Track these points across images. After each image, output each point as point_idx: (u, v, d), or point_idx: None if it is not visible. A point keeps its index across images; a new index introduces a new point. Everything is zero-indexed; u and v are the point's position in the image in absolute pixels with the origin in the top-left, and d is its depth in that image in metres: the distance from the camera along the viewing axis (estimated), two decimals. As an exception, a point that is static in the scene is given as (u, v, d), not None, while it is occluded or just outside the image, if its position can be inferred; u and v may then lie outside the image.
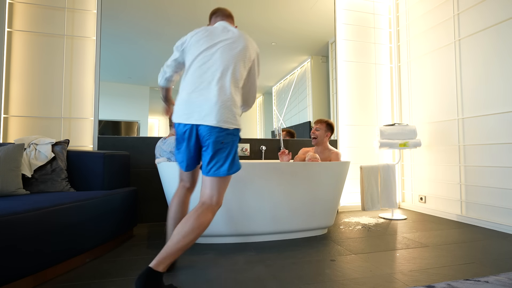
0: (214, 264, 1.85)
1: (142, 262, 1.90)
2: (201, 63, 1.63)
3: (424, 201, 3.48)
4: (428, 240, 2.36)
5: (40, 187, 2.13)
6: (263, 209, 2.28)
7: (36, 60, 2.83)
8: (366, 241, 2.34)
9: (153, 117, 3.17)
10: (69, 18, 2.93)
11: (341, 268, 1.80)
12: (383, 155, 3.84)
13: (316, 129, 2.81)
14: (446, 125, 3.20)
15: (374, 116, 3.84)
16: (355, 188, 3.68)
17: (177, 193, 1.80)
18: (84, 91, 2.94)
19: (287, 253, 2.06)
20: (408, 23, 3.76)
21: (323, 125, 2.82)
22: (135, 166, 2.99)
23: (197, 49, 1.66)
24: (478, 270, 1.74)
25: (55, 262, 1.61)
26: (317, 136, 2.80)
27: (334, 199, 2.49)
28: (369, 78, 3.85)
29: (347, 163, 2.54)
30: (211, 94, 1.54)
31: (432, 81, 3.39)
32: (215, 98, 1.53)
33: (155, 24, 3.15)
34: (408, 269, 1.76)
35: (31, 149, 2.20)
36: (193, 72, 1.62)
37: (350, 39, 3.81)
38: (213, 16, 1.92)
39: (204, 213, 1.51)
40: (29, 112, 2.78)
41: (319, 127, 2.81)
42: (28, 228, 1.44)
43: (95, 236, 1.91)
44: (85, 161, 2.31)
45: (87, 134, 2.92)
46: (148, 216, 3.00)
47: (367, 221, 3.04)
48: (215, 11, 1.91)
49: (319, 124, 2.82)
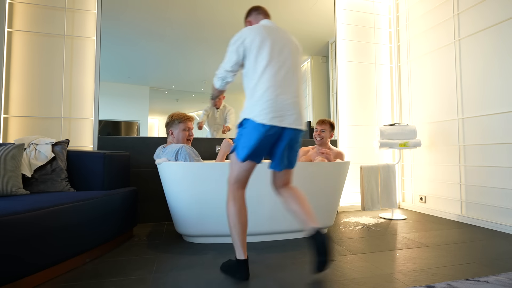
0: (214, 264, 1.86)
1: (142, 262, 1.90)
2: (279, 66, 1.65)
3: (424, 201, 3.49)
4: (428, 240, 2.37)
5: (40, 187, 2.14)
6: (262, 209, 2.28)
7: (36, 60, 2.83)
8: (366, 241, 2.34)
9: (153, 117, 3.18)
10: (69, 18, 2.93)
11: (341, 268, 1.80)
12: (383, 155, 3.85)
13: (322, 131, 2.83)
14: (446, 125, 3.21)
15: (374, 116, 3.85)
16: (355, 188, 3.69)
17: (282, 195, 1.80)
18: (84, 91, 2.95)
19: (286, 253, 2.07)
20: (408, 23, 3.76)
21: (327, 125, 2.84)
22: (135, 166, 2.99)
23: (267, 51, 1.65)
24: (478, 270, 1.74)
25: (55, 262, 1.62)
26: (323, 137, 2.82)
27: (334, 199, 2.50)
28: (369, 78, 3.86)
29: (347, 163, 2.55)
30: (296, 98, 1.65)
31: (432, 81, 3.40)
32: (300, 101, 1.67)
33: (155, 25, 3.15)
34: (408, 269, 1.76)
35: (31, 149, 2.21)
36: (273, 74, 1.62)
37: (350, 39, 3.81)
38: (254, 13, 1.90)
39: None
40: (29, 112, 2.79)
41: (324, 128, 2.83)
42: (28, 228, 1.45)
43: (95, 236, 1.92)
44: (85, 161, 2.31)
45: (87, 134, 2.93)
46: (148, 216, 3.01)
47: (367, 221, 3.05)
48: (257, 8, 1.89)
49: (324, 125, 2.84)
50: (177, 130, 2.40)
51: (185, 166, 2.19)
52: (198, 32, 3.27)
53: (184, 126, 2.41)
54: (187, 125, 2.43)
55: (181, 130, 2.40)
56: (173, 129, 2.41)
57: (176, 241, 2.36)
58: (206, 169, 2.19)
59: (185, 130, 2.41)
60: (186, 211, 2.23)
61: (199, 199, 2.20)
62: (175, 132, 2.40)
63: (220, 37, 3.33)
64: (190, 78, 3.28)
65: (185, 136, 2.40)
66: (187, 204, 2.21)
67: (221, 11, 3.36)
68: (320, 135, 2.83)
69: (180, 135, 2.39)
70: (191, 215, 2.22)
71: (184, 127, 2.41)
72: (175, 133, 2.40)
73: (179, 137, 2.40)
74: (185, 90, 3.30)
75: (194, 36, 3.26)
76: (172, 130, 2.41)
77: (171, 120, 2.42)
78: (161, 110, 3.22)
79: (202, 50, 3.28)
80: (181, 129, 2.40)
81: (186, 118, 2.42)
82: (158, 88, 3.20)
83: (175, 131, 2.40)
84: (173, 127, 2.41)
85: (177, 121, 2.40)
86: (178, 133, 2.39)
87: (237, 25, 3.36)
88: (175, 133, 2.40)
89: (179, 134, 2.39)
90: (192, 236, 2.31)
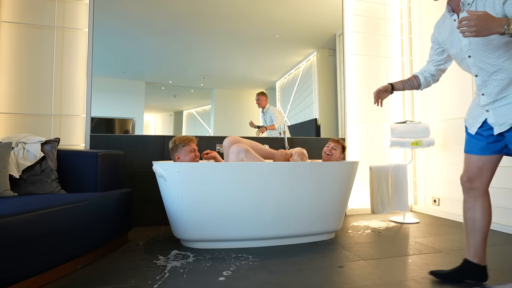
0: (214, 271, 1.85)
1: (137, 268, 1.90)
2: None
3: (438, 203, 3.47)
4: (442, 245, 2.36)
5: (29, 189, 2.13)
6: (265, 212, 2.28)
7: (25, 53, 2.83)
8: (376, 246, 2.33)
9: (149, 114, 3.17)
10: (60, 9, 2.93)
11: (350, 275, 1.79)
12: (394, 154, 3.83)
13: (334, 148, 2.81)
14: (460, 123, 3.19)
15: (385, 113, 3.83)
16: (364, 189, 3.68)
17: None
18: (75, 87, 2.94)
19: (291, 259, 2.06)
20: (421, 14, 3.74)
21: (340, 146, 2.83)
22: (130, 166, 2.99)
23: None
24: (495, 277, 1.73)
25: (45, 268, 1.61)
26: (332, 154, 2.80)
27: (342, 201, 2.49)
28: (379, 72, 3.84)
29: (356, 163, 2.54)
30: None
31: (446, 76, 3.38)
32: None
33: (152, 16, 3.14)
34: (420, 276, 1.76)
35: (19, 148, 2.20)
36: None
37: (359, 31, 3.80)
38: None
39: None
40: (17, 109, 2.79)
41: (337, 146, 2.81)
42: (16, 232, 1.44)
43: (88, 240, 1.92)
44: (76, 161, 2.31)
45: (78, 132, 2.92)
46: (144, 220, 3.01)
47: (377, 225, 3.04)
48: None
49: (337, 144, 2.83)
50: (182, 154, 2.47)
51: (184, 166, 2.18)
52: (198, 23, 3.26)
53: (189, 148, 2.48)
54: (192, 146, 2.50)
55: (187, 153, 2.47)
56: (178, 154, 2.48)
57: (173, 246, 2.35)
58: (205, 169, 2.18)
59: (191, 152, 2.49)
60: (184, 214, 2.22)
61: (198, 202, 2.19)
62: (181, 157, 2.47)
63: (222, 29, 3.32)
64: (189, 73, 3.28)
65: (192, 158, 2.48)
66: (185, 207, 2.21)
67: (224, 2, 3.34)
68: (330, 151, 2.82)
69: (186, 158, 2.47)
70: (190, 218, 2.22)
71: (189, 149, 2.48)
72: (181, 158, 2.47)
73: (186, 160, 2.48)
74: (184, 86, 3.29)
75: (194, 28, 3.25)
76: (178, 155, 2.48)
77: (175, 145, 2.49)
78: (158, 106, 3.22)
79: (203, 43, 3.27)
80: (187, 152, 2.47)
81: (189, 140, 2.51)
82: (155, 83, 3.20)
83: (181, 155, 2.47)
84: (178, 152, 2.48)
85: (181, 145, 2.48)
86: (184, 156, 2.47)
87: (241, 16, 3.35)
88: (182, 157, 2.47)
89: (186, 157, 2.47)
90: (190, 241, 2.31)
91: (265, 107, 3.53)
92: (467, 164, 1.73)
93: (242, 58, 3.40)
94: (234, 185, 2.20)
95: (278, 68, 3.55)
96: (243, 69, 3.41)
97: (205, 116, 3.37)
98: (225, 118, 3.41)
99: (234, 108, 3.43)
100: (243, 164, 2.23)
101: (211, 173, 2.18)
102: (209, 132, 3.36)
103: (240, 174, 2.20)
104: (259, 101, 3.50)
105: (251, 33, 3.41)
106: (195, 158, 2.51)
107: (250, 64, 3.43)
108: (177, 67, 3.24)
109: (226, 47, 3.34)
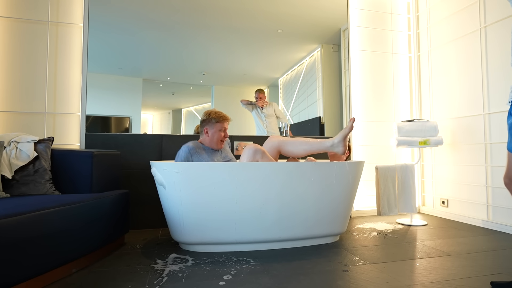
0: (214, 275, 1.85)
1: (134, 272, 1.89)
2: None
3: (447, 205, 3.47)
4: (451, 248, 2.35)
5: (22, 190, 2.13)
6: (267, 214, 2.27)
7: (17, 49, 2.83)
8: (382, 250, 2.33)
9: (146, 112, 3.17)
10: (54, 3, 2.92)
11: (355, 279, 1.79)
12: (401, 154, 3.82)
13: None
14: (470, 121, 3.18)
15: (391, 111, 3.82)
16: (370, 190, 3.67)
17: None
18: (70, 84, 2.94)
19: (294, 262, 2.06)
20: (429, 8, 3.73)
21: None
22: (127, 166, 2.99)
23: None
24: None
25: (38, 272, 1.61)
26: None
27: (347, 203, 2.48)
28: (386, 69, 3.83)
29: (361, 163, 2.53)
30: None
31: (455, 72, 3.37)
32: None
33: (149, 10, 3.14)
34: (428, 281, 1.75)
35: (12, 147, 2.20)
36: None
37: (365, 25, 3.79)
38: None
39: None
40: (9, 107, 2.79)
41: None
42: (7, 235, 1.44)
43: (83, 243, 1.91)
44: (71, 161, 2.30)
45: (73, 131, 2.92)
46: (141, 222, 3.00)
47: (383, 227, 3.03)
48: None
49: None
50: (213, 130, 2.51)
51: (183, 166, 2.18)
52: (198, 18, 3.25)
53: (221, 126, 2.52)
54: (224, 125, 2.54)
55: (217, 130, 2.51)
56: (208, 128, 2.51)
57: (172, 250, 2.35)
58: (205, 169, 2.18)
59: (221, 130, 2.52)
60: (183, 216, 2.22)
61: (197, 203, 2.19)
62: (210, 131, 2.51)
63: (223, 24, 3.31)
64: (188, 69, 3.27)
65: (220, 137, 2.52)
66: (184, 208, 2.20)
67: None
68: None
69: (215, 135, 2.51)
70: (189, 220, 2.21)
71: (221, 127, 2.52)
72: (210, 132, 2.51)
73: (213, 137, 2.51)
74: (182, 83, 3.29)
75: (193, 23, 3.24)
76: (207, 128, 2.52)
77: (208, 118, 2.53)
78: (156, 104, 3.22)
79: (203, 38, 3.27)
80: (217, 129, 2.51)
81: (224, 118, 2.54)
82: (152, 80, 3.19)
83: (210, 130, 2.51)
84: (209, 126, 2.51)
85: (214, 120, 2.51)
86: (213, 132, 2.51)
87: (241, 10, 3.34)
88: (210, 133, 2.51)
89: (215, 134, 2.51)
90: (189, 244, 2.30)
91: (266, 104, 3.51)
92: (510, 164, 1.61)
93: (243, 54, 3.39)
94: (235, 185, 2.19)
95: (280, 65, 3.54)
96: (244, 65, 3.41)
97: (205, 114, 3.37)
98: (225, 116, 3.41)
99: (235, 106, 3.43)
100: (244, 164, 2.22)
101: (211, 173, 2.18)
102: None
103: (241, 174, 2.20)
104: (260, 99, 3.49)
105: (252, 27, 3.41)
106: (223, 138, 2.54)
107: (252, 60, 3.42)
108: (176, 64, 3.24)
109: (226, 43, 3.34)
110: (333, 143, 2.43)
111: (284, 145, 2.52)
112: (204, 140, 2.55)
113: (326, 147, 2.45)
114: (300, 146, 2.50)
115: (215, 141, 2.52)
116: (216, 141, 2.52)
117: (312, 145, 2.48)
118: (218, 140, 2.52)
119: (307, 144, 2.49)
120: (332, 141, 2.44)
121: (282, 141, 2.53)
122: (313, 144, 2.48)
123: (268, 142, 2.57)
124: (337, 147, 2.43)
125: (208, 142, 2.53)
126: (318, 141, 2.49)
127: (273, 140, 2.56)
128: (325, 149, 2.46)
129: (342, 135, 2.42)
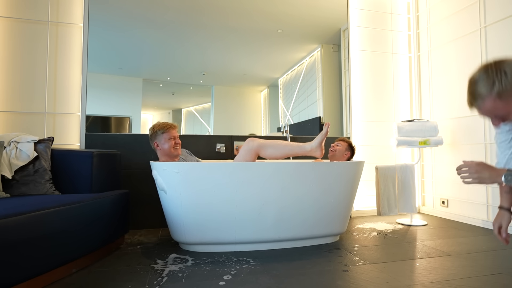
0: (214, 275, 1.85)
1: (134, 272, 1.89)
2: None
3: (447, 205, 3.47)
4: (451, 248, 2.35)
5: (22, 190, 2.13)
6: (267, 213, 2.27)
7: (17, 49, 2.83)
8: (382, 250, 2.33)
9: (146, 112, 3.17)
10: (54, 3, 2.92)
11: (355, 279, 1.79)
12: (400, 154, 3.82)
13: (337, 145, 2.82)
14: (470, 121, 3.18)
15: (391, 111, 3.82)
16: (370, 190, 3.67)
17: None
18: (70, 84, 2.94)
19: (294, 262, 2.06)
20: (429, 8, 3.73)
21: (345, 144, 2.83)
22: (127, 166, 2.99)
23: None
24: (506, 281, 1.73)
25: (38, 272, 1.61)
26: (335, 150, 2.80)
27: (347, 203, 2.49)
28: (386, 69, 3.84)
29: (361, 163, 2.53)
30: None
31: (455, 72, 3.37)
32: None
33: (149, 10, 3.14)
34: (428, 281, 1.75)
35: (12, 147, 2.21)
36: None
37: (365, 25, 3.79)
38: None
39: None
40: (9, 107, 2.79)
41: (340, 144, 2.82)
42: (7, 235, 1.44)
43: (83, 244, 1.91)
44: (71, 161, 2.31)
45: (73, 131, 2.92)
46: (141, 222, 3.01)
47: (383, 227, 3.03)
48: None
49: (341, 142, 2.84)
50: (162, 141, 2.47)
51: (183, 167, 2.18)
52: (198, 18, 3.26)
53: (169, 135, 2.48)
54: (172, 133, 2.50)
55: (166, 140, 2.47)
56: (157, 141, 2.48)
57: (172, 250, 2.35)
58: (205, 169, 2.18)
59: (170, 139, 2.48)
60: (183, 216, 2.22)
61: (197, 203, 2.19)
62: (160, 144, 2.47)
63: (222, 23, 3.31)
64: (188, 69, 3.27)
65: (172, 145, 2.48)
66: (184, 208, 2.21)
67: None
68: (333, 147, 2.82)
69: (166, 145, 2.47)
70: (189, 220, 2.22)
71: (169, 136, 2.48)
72: (160, 145, 2.47)
73: (166, 148, 2.47)
74: (182, 83, 3.29)
75: (193, 23, 3.24)
76: (157, 142, 2.48)
77: (154, 132, 2.50)
78: (156, 104, 3.22)
79: (203, 38, 3.27)
80: (166, 139, 2.47)
81: (168, 127, 2.50)
82: (152, 80, 3.20)
83: (160, 142, 2.47)
84: (157, 139, 2.48)
85: (160, 131, 2.48)
86: (163, 144, 2.47)
87: (240, 10, 3.34)
88: (161, 145, 2.47)
89: (165, 145, 2.47)
90: (189, 244, 2.30)
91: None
92: None
93: (243, 54, 3.39)
94: (235, 185, 2.19)
95: (280, 65, 3.54)
96: (244, 65, 3.41)
97: (205, 114, 3.37)
98: (225, 116, 3.41)
99: (235, 106, 3.43)
100: (244, 164, 2.22)
101: (211, 174, 2.18)
102: (209, 131, 3.36)
103: (241, 175, 2.20)
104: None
105: (252, 27, 3.41)
106: (175, 146, 2.50)
107: (252, 60, 3.43)
108: (176, 63, 3.24)
109: (226, 43, 3.34)
110: (311, 147, 2.44)
111: (263, 148, 2.46)
112: (161, 155, 2.52)
113: (306, 151, 2.45)
114: (281, 149, 2.45)
115: (169, 150, 2.47)
116: (169, 149, 2.47)
117: (292, 148, 2.46)
118: (171, 148, 2.47)
119: (287, 148, 2.46)
120: (311, 146, 2.45)
121: (262, 144, 2.48)
122: (293, 147, 2.47)
123: (246, 145, 2.49)
124: (315, 152, 2.45)
125: (165, 155, 2.50)
126: (298, 144, 2.48)
127: (252, 143, 2.49)
128: (304, 152, 2.46)
129: (318, 141, 2.44)
